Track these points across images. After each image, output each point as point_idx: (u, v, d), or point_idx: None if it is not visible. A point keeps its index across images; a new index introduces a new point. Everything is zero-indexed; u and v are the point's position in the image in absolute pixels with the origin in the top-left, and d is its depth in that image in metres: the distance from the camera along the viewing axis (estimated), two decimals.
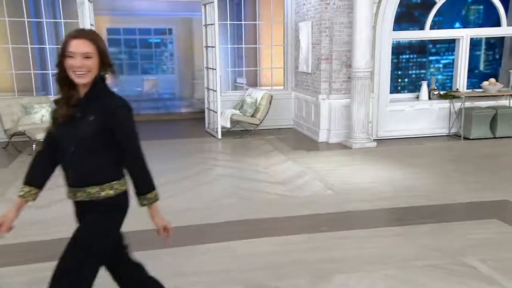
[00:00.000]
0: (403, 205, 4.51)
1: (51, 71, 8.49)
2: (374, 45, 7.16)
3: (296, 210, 4.42)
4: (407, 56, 9.30)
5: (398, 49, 8.05)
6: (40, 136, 6.39)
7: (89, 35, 2.04)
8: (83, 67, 1.97)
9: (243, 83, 10.33)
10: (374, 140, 7.28)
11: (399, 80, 9.34)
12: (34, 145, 6.46)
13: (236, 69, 9.99)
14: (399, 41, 8.12)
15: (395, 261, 3.33)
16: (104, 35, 10.89)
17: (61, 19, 7.98)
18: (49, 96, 7.81)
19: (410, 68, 9.41)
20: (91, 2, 7.38)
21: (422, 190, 4.97)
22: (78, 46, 1.97)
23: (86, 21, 7.61)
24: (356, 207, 4.48)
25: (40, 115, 7.07)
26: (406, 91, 8.67)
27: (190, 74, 12.06)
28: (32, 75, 7.80)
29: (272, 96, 8.10)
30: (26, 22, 7.57)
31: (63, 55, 1.99)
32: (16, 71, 7.66)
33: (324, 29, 7.24)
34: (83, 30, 2.18)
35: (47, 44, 8.06)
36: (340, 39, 7.16)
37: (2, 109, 6.97)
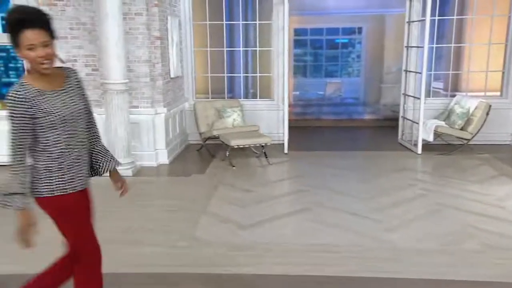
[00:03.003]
0: None
1: (242, 74, 8.50)
2: None
3: None
4: None
5: None
6: (235, 142, 6.24)
7: None
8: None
9: (440, 88, 8.93)
10: None
11: None
12: (228, 152, 6.32)
13: (437, 72, 8.65)
14: None
15: None
16: (291, 36, 10.70)
17: (255, 20, 7.82)
18: (239, 99, 7.75)
19: None
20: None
21: None
22: None
23: (280, 22, 7.31)
24: None
25: (232, 119, 6.96)
26: None
27: (377, 78, 11.04)
28: (225, 78, 7.83)
29: (490, 105, 6.64)
30: (224, 25, 7.59)
31: None
32: (211, 74, 7.76)
33: None
34: None
35: (241, 46, 8.01)
36: None
37: (199, 112, 7.06)
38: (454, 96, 7.50)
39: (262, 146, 6.53)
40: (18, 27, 1.98)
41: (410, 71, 7.27)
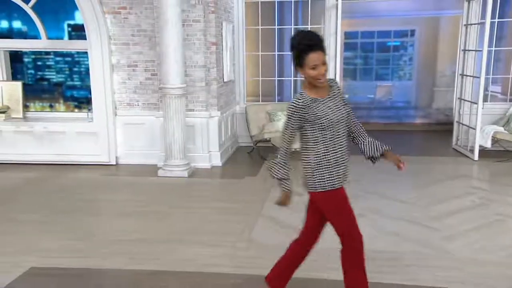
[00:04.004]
0: None
1: (292, 77, 8.54)
2: None
3: None
4: None
5: None
6: None
7: None
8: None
9: (498, 92, 8.60)
10: None
11: None
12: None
13: (495, 76, 8.32)
14: None
15: None
16: (342, 39, 10.57)
17: (305, 25, 7.87)
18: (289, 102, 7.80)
19: None
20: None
21: None
22: None
23: (332, 26, 7.32)
24: None
25: (282, 123, 7.04)
26: None
27: (430, 81, 10.78)
28: (276, 82, 7.93)
29: None
30: (276, 29, 7.69)
31: None
32: (263, 77, 7.88)
33: None
34: None
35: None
36: None
37: (250, 115, 7.19)
38: None
39: None
40: (306, 51, 2.39)
41: (466, 75, 7.06)
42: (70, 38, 7.43)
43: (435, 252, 3.72)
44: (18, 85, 6.57)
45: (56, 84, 7.83)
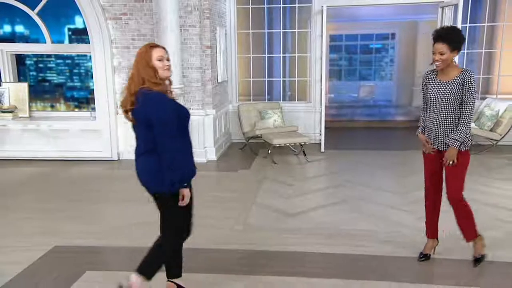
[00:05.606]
0: None
1: (281, 78, 9.07)
2: None
3: None
4: None
5: None
6: (277, 141, 6.84)
7: None
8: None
9: None
10: None
11: None
12: (269, 150, 6.92)
13: None
14: None
15: None
16: (327, 42, 11.13)
17: (293, 28, 8.41)
18: (279, 101, 8.33)
19: None
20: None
21: None
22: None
23: (318, 30, 7.85)
24: None
25: (272, 120, 7.56)
26: None
27: (409, 81, 11.42)
28: (266, 82, 8.43)
29: None
30: (265, 33, 8.21)
31: None
32: (253, 78, 8.39)
33: None
34: None
35: (280, 52, 8.59)
36: None
37: (242, 113, 7.69)
38: (484, 98, 7.84)
39: (301, 145, 7.09)
40: (433, 41, 3.12)
41: None
42: (70, 41, 7.82)
43: (409, 230, 4.27)
44: (24, 86, 6.97)
45: (57, 85, 8.22)
